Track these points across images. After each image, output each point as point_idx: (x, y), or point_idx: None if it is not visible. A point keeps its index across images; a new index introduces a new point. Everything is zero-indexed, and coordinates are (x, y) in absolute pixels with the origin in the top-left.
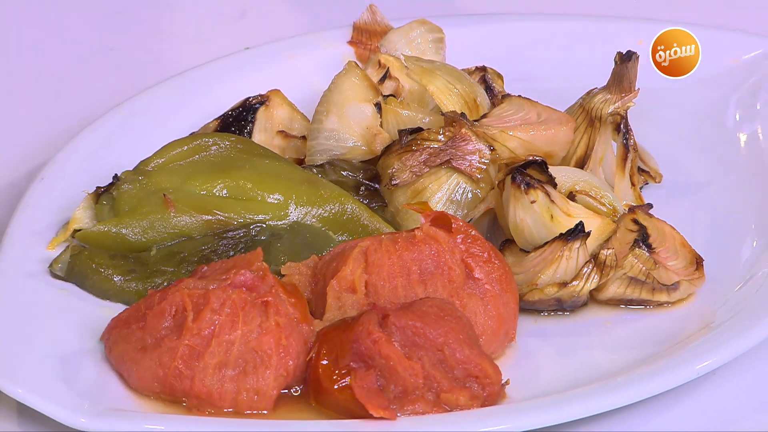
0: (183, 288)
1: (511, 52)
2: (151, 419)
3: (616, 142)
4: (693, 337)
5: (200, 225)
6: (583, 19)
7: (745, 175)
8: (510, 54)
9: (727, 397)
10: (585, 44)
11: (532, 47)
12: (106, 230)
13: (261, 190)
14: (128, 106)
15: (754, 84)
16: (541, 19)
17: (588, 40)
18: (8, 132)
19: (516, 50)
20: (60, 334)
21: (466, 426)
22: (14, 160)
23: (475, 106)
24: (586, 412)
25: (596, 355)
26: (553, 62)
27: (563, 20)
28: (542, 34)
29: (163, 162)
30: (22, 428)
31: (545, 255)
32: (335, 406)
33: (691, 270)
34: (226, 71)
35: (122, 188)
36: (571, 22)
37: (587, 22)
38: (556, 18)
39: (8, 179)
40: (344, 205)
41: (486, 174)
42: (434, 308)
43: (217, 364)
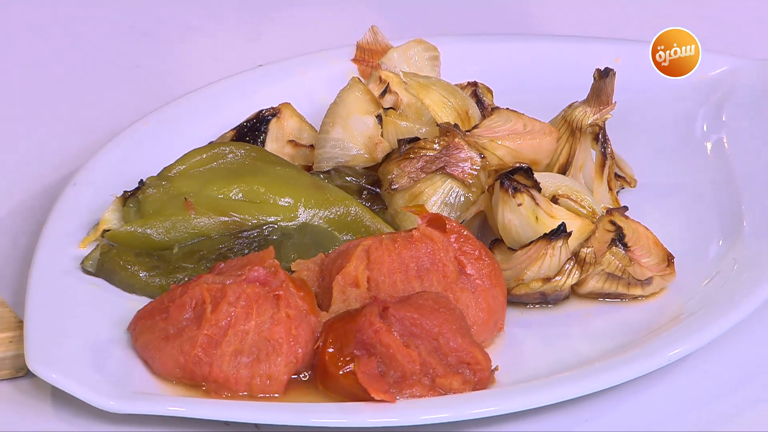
0: (202, 283)
1: (500, 68)
2: (173, 402)
3: (595, 150)
4: (665, 327)
5: (218, 226)
6: (565, 39)
7: (712, 180)
8: (499, 70)
9: (696, 381)
10: (567, 62)
11: (519, 64)
12: (132, 230)
13: (273, 194)
14: (153, 118)
15: (720, 98)
16: (528, 39)
17: (570, 58)
18: (44, 141)
19: (504, 67)
20: (91, 324)
21: (459, 408)
22: (50, 166)
23: (467, 117)
24: (568, 395)
25: (577, 344)
26: (538, 78)
27: (547, 41)
28: (528, 52)
29: (184, 168)
30: (56, 410)
31: (531, 253)
32: (340, 389)
33: (663, 266)
34: (241, 86)
35: (147, 192)
36: (555, 43)
37: (569, 42)
38: (541, 38)
39: (44, 184)
40: (348, 208)
41: (477, 179)
42: (430, 301)
43: (233, 351)
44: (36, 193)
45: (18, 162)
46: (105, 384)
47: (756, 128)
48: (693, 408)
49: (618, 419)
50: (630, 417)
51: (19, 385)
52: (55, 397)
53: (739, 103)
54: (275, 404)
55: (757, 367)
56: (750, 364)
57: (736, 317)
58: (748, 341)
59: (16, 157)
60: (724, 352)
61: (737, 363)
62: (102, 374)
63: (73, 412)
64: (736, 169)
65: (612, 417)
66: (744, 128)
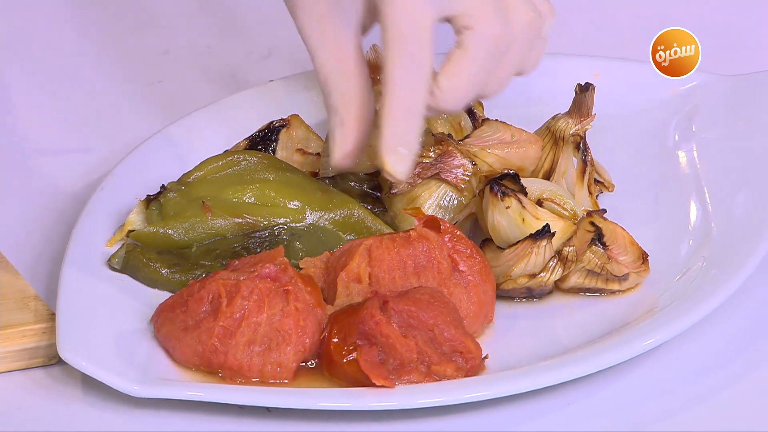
0: (218, 278)
1: None
2: (192, 387)
3: (576, 158)
4: (640, 319)
5: (232, 226)
6: (549, 57)
7: (683, 185)
8: None
9: (668, 369)
10: (551, 77)
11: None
12: (154, 231)
13: (283, 198)
14: (173, 129)
15: (690, 110)
16: None
17: (553, 74)
18: (74, 150)
19: None
20: (117, 316)
21: (453, 393)
22: (79, 172)
23: (459, 128)
24: (552, 381)
25: (560, 334)
26: (525, 91)
27: None
28: None
29: (202, 175)
30: (85, 394)
31: (518, 251)
32: (344, 376)
33: (638, 264)
34: (254, 99)
35: (168, 196)
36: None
37: (553, 59)
38: None
39: (74, 189)
40: (351, 210)
41: (469, 184)
42: (426, 295)
43: (247, 341)
44: (67, 197)
45: (51, 169)
46: (130, 371)
47: (723, 139)
48: (665, 392)
49: (597, 402)
50: (608, 400)
51: (52, 372)
52: (85, 383)
53: (708, 116)
54: (285, 389)
55: (723, 355)
56: (717, 352)
57: (705, 310)
58: (715, 332)
59: (50, 165)
60: (693, 342)
61: (706, 351)
62: (127, 362)
63: (100, 397)
64: (704, 175)
65: (592, 400)
66: (712, 139)
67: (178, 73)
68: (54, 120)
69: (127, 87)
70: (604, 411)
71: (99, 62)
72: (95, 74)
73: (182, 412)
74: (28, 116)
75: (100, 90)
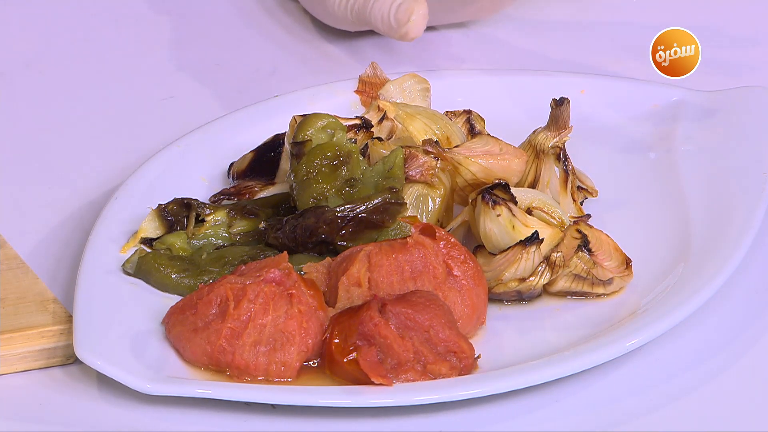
0: (226, 283)
1: (483, 98)
2: (201, 385)
3: (558, 168)
4: (623, 321)
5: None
6: (535, 73)
7: (665, 195)
8: (483, 100)
9: (650, 367)
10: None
11: (506, 95)
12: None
13: None
14: (184, 141)
15: (671, 124)
16: (505, 73)
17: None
18: (90, 161)
19: (487, 96)
20: (130, 318)
21: (448, 391)
22: (95, 183)
23: (448, 143)
24: (540, 379)
25: (548, 335)
26: (515, 106)
27: (521, 75)
28: (506, 85)
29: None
30: (101, 392)
31: (508, 257)
32: (345, 375)
33: (622, 269)
34: (260, 113)
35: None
36: (527, 77)
37: (539, 76)
38: (516, 72)
39: (90, 198)
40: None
41: (441, 181)
42: (422, 299)
43: (253, 342)
44: (83, 206)
45: (68, 179)
46: (142, 369)
47: (702, 151)
48: (647, 389)
49: (584, 399)
50: (594, 397)
51: (69, 371)
52: (100, 381)
53: (688, 129)
54: (289, 387)
55: (703, 352)
56: (697, 350)
57: (684, 313)
58: (694, 333)
59: (67, 175)
60: (674, 342)
61: (685, 351)
62: (140, 361)
63: (115, 394)
64: (685, 185)
65: (578, 397)
66: (692, 150)
67: (189, 89)
68: (71, 134)
69: (142, 102)
70: (591, 407)
71: (116, 79)
72: (112, 91)
73: (192, 408)
74: (50, 132)
75: (115, 105)
